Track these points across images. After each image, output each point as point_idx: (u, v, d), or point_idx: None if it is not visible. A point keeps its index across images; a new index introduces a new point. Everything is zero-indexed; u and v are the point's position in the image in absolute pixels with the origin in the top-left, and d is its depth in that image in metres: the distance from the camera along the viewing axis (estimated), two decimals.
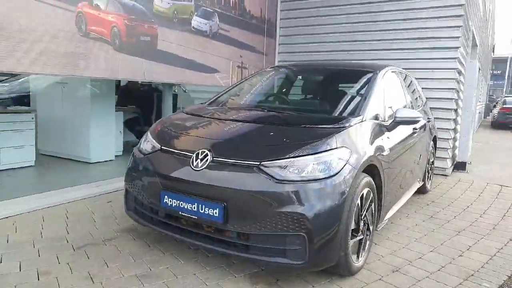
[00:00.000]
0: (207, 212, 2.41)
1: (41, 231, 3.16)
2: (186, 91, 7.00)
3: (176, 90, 6.87)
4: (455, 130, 6.37)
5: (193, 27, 5.26)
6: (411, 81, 4.68)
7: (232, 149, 2.56)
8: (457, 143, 6.54)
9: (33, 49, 3.53)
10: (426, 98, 5.77)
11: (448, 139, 5.96)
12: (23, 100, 6.00)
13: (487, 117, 23.41)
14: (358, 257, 2.66)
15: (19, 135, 4.90)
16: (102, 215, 3.58)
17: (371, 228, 2.82)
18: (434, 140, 5.03)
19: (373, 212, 2.85)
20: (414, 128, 3.78)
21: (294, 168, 2.33)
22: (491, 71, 36.53)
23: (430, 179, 5.03)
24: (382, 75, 3.48)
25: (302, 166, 2.34)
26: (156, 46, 4.73)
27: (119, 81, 6.75)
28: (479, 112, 17.81)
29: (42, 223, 3.32)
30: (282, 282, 2.52)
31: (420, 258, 3.00)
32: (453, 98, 5.87)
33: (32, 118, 5.04)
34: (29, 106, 5.56)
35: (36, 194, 3.93)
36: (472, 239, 3.45)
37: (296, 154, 2.38)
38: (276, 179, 2.30)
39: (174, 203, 2.55)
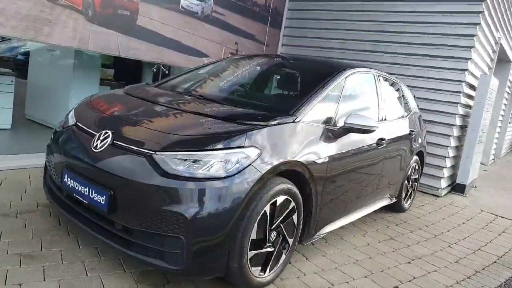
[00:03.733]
0: (95, 198, 2.22)
1: None
2: (167, 72, 6.80)
3: (155, 70, 6.69)
4: (457, 148, 5.87)
5: (182, 6, 5.05)
6: (398, 88, 4.28)
7: (136, 133, 2.34)
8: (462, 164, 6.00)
9: None
10: (427, 110, 5.39)
11: (444, 156, 5.48)
12: (7, 63, 6.00)
13: None
14: (265, 271, 2.39)
15: None
16: (38, 186, 3.46)
17: (290, 241, 2.54)
18: (420, 155, 4.60)
19: (296, 224, 2.56)
20: (380, 139, 3.41)
21: (186, 163, 2.08)
22: None
23: (410, 197, 4.62)
24: (344, 76, 3.13)
25: (196, 161, 2.09)
26: (135, 22, 4.56)
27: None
28: None
29: None
30: (171, 285, 2.29)
31: (347, 282, 2.69)
32: (456, 113, 5.37)
33: (12, 81, 5.01)
34: (12, 70, 5.51)
35: None
36: (423, 270, 3.08)
37: (192, 148, 2.13)
38: (165, 172, 2.06)
39: (72, 183, 2.37)
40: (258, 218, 2.21)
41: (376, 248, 3.37)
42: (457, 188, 5.93)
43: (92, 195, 2.24)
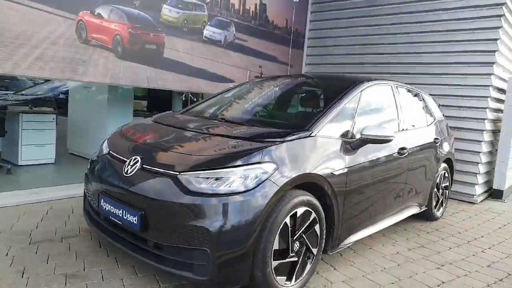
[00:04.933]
0: (129, 219, 2.42)
1: (15, 223, 3.37)
2: (195, 100, 7.11)
3: (184, 98, 7.01)
4: (491, 153, 5.74)
5: (205, 36, 5.34)
6: (420, 98, 4.32)
7: (162, 157, 2.54)
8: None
9: (30, 54, 3.82)
10: (457, 117, 5.36)
11: (477, 163, 5.38)
12: (49, 102, 6.49)
13: None
14: (290, 280, 2.49)
15: (41, 134, 5.31)
16: (79, 213, 3.72)
17: (314, 251, 2.62)
18: (449, 162, 4.56)
19: (319, 234, 2.65)
20: (402, 148, 3.46)
21: (208, 181, 2.25)
22: None
23: (442, 205, 4.56)
24: (359, 89, 3.23)
25: (218, 179, 2.25)
26: (162, 54, 4.88)
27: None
28: None
29: (22, 216, 3.55)
30: None
31: None
32: (485, 118, 5.30)
33: (53, 119, 5.44)
34: (54, 108, 5.98)
35: (35, 188, 4.22)
36: (452, 275, 3.06)
37: (213, 167, 2.30)
38: (189, 191, 2.24)
39: (107, 207, 2.59)
40: (280, 229, 2.33)
41: (405, 256, 3.37)
42: (494, 194, 5.77)
43: (125, 216, 2.44)
